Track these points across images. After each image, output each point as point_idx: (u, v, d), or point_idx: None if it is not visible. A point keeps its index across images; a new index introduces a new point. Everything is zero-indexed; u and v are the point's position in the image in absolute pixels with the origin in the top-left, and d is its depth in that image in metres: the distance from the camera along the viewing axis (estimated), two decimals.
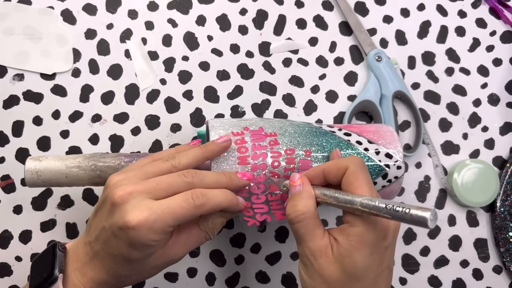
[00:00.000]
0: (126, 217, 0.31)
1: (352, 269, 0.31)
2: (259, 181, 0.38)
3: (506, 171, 0.53)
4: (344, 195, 0.32)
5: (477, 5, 0.57)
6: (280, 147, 0.39)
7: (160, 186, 0.33)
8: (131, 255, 0.32)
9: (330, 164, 0.35)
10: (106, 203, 0.33)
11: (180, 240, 0.35)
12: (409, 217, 0.26)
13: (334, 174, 0.34)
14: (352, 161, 0.33)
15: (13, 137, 0.50)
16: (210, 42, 0.54)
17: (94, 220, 0.35)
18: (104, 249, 0.33)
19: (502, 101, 0.55)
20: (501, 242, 0.52)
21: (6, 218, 0.49)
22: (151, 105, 0.52)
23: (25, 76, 0.51)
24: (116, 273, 0.34)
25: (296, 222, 0.33)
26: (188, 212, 0.33)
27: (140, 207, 0.32)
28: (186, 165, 0.36)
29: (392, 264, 0.34)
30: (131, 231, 0.31)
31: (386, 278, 0.33)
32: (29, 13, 0.52)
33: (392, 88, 0.52)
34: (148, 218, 0.31)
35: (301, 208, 0.33)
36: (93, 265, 0.34)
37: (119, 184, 0.33)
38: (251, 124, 0.40)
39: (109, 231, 0.32)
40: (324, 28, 0.55)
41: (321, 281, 0.32)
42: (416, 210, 0.25)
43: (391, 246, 0.33)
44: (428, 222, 0.25)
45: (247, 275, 0.50)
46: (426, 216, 0.25)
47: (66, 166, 0.40)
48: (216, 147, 0.37)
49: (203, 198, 0.33)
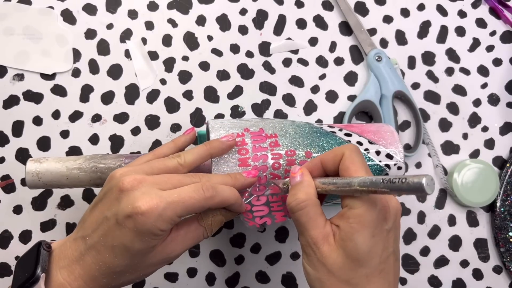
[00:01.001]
0: (136, 202, 0.31)
1: (355, 253, 0.31)
2: (259, 183, 0.38)
3: (506, 171, 0.53)
4: (342, 180, 0.32)
5: (477, 5, 0.57)
6: (281, 149, 0.39)
7: (170, 181, 0.33)
8: (134, 245, 0.32)
9: (327, 153, 0.35)
10: (111, 192, 0.33)
11: (178, 236, 0.35)
12: (406, 186, 0.26)
13: (332, 162, 0.34)
14: (347, 147, 0.34)
15: (13, 137, 0.50)
16: (210, 42, 0.54)
17: (91, 214, 0.34)
18: (102, 241, 0.32)
19: (502, 101, 0.55)
20: (501, 242, 0.52)
21: (6, 218, 0.49)
22: (151, 105, 0.52)
23: (25, 76, 0.51)
24: (110, 268, 0.33)
25: (297, 210, 0.33)
26: (198, 203, 0.33)
27: (150, 194, 0.31)
28: (191, 162, 0.36)
29: (398, 253, 0.34)
30: (140, 217, 0.31)
31: (393, 265, 0.32)
32: (29, 13, 0.52)
33: (392, 88, 0.52)
34: (158, 205, 0.31)
35: (302, 196, 0.33)
36: (83, 262, 0.33)
37: (127, 174, 0.33)
38: (252, 125, 0.40)
39: (112, 220, 0.32)
40: (324, 28, 0.55)
41: (325, 271, 0.32)
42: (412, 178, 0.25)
43: (393, 231, 0.33)
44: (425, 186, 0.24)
45: (247, 275, 0.50)
46: (421, 181, 0.24)
47: (67, 168, 0.40)
48: (221, 144, 0.37)
49: (213, 190, 0.33)
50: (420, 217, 0.53)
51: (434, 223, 0.53)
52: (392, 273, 0.32)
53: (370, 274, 0.31)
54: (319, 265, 0.32)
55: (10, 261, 0.49)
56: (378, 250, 0.31)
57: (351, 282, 0.31)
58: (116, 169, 0.36)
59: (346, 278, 0.31)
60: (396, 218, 0.33)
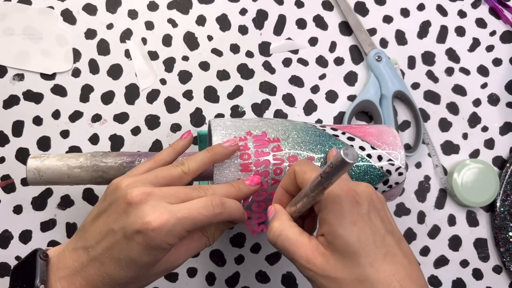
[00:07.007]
0: (146, 218, 0.31)
1: (346, 246, 0.29)
2: (261, 188, 0.38)
3: (506, 171, 0.53)
4: (300, 193, 0.32)
5: (477, 5, 0.57)
6: (283, 154, 0.38)
7: (178, 194, 0.33)
8: (141, 259, 0.31)
9: (284, 178, 0.35)
10: (118, 204, 0.32)
11: (182, 246, 0.35)
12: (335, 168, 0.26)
13: (291, 184, 0.34)
14: (295, 164, 0.34)
15: (13, 137, 0.50)
16: (210, 42, 0.54)
17: (94, 224, 0.33)
18: (107, 253, 0.32)
19: (502, 101, 0.55)
20: (501, 242, 0.52)
21: (6, 218, 0.49)
22: (151, 105, 0.52)
23: (25, 76, 0.51)
24: (114, 280, 0.32)
25: (276, 238, 0.32)
26: (207, 219, 0.33)
27: (160, 209, 0.31)
28: (195, 170, 0.36)
29: (398, 233, 0.32)
30: (150, 233, 0.30)
31: (396, 246, 0.30)
32: (29, 13, 0.52)
33: (392, 88, 0.52)
34: (169, 221, 0.31)
35: (275, 224, 0.33)
36: (85, 273, 0.32)
37: (134, 186, 0.33)
38: (255, 127, 0.40)
39: (119, 234, 0.31)
40: (324, 28, 0.55)
41: (333, 282, 0.30)
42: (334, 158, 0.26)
43: (374, 213, 0.31)
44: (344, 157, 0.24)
45: (247, 275, 0.50)
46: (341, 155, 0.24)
47: (68, 167, 0.40)
48: (223, 150, 0.37)
49: (222, 207, 0.34)
50: (420, 217, 0.53)
51: (434, 223, 0.53)
52: (402, 255, 0.30)
53: (373, 262, 0.29)
54: (325, 280, 0.30)
55: (10, 261, 0.49)
56: (367, 234, 0.30)
57: (360, 278, 0.29)
58: (119, 176, 0.35)
59: (354, 277, 0.30)
60: (370, 201, 0.31)
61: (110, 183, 0.35)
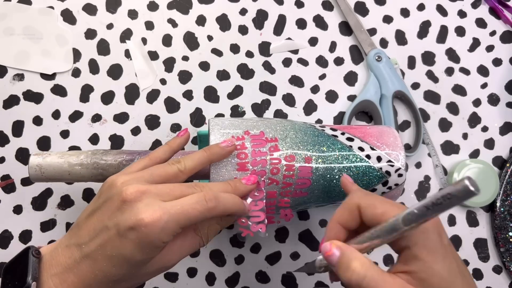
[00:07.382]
0: (139, 215, 0.31)
1: (442, 284, 0.29)
2: (257, 188, 0.37)
3: (506, 171, 0.53)
4: (383, 228, 0.29)
5: (477, 5, 0.57)
6: (280, 154, 0.38)
7: (173, 192, 0.33)
8: (134, 257, 0.31)
9: (339, 213, 0.33)
10: (112, 201, 0.33)
11: (175, 245, 0.34)
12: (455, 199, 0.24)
13: (352, 219, 0.32)
14: (356, 197, 0.32)
15: (13, 137, 0.50)
16: (210, 42, 0.54)
17: (88, 221, 0.33)
18: (100, 250, 0.32)
19: (502, 101, 0.55)
20: (501, 242, 0.52)
21: (6, 218, 0.49)
22: (151, 105, 0.52)
23: (25, 76, 0.51)
24: (107, 277, 0.32)
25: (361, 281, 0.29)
26: (201, 214, 0.33)
27: (154, 206, 0.31)
28: (191, 168, 0.36)
29: None
30: (143, 229, 0.31)
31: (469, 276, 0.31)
32: (29, 13, 0.52)
33: (392, 88, 0.52)
34: (162, 217, 0.31)
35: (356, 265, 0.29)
36: (78, 270, 0.32)
37: (129, 183, 0.33)
38: (253, 126, 0.40)
39: (112, 230, 0.31)
40: (324, 28, 0.55)
41: None
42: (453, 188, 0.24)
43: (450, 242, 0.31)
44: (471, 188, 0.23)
45: (247, 275, 0.50)
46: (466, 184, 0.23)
47: (69, 164, 0.40)
48: (220, 150, 0.37)
49: (215, 200, 0.33)
50: None
51: None
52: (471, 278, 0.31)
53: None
54: None
55: None
56: (454, 266, 0.30)
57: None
58: (116, 173, 0.35)
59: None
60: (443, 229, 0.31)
61: (106, 181, 0.35)
